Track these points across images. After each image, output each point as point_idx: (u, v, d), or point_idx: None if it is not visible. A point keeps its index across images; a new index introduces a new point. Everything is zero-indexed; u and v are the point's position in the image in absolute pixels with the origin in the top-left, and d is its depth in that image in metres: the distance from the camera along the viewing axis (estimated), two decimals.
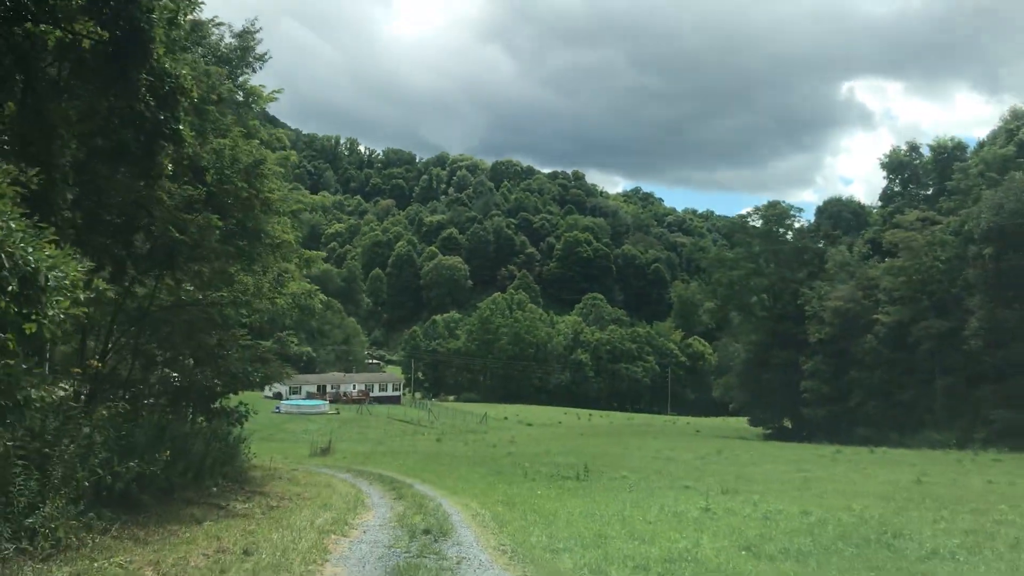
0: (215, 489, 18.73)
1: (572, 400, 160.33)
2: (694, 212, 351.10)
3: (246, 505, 17.06)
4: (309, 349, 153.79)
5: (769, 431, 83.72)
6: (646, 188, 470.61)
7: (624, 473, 26.70)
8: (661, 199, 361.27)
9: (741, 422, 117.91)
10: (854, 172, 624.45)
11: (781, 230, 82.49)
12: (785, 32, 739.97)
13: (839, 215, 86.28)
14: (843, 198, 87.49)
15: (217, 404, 23.88)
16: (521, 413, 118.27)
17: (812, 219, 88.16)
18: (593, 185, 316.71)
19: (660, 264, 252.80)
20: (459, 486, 23.97)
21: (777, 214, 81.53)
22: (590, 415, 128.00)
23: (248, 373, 23.42)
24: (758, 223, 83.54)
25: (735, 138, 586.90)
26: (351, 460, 37.23)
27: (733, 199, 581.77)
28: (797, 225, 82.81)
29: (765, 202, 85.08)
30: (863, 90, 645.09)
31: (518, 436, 70.17)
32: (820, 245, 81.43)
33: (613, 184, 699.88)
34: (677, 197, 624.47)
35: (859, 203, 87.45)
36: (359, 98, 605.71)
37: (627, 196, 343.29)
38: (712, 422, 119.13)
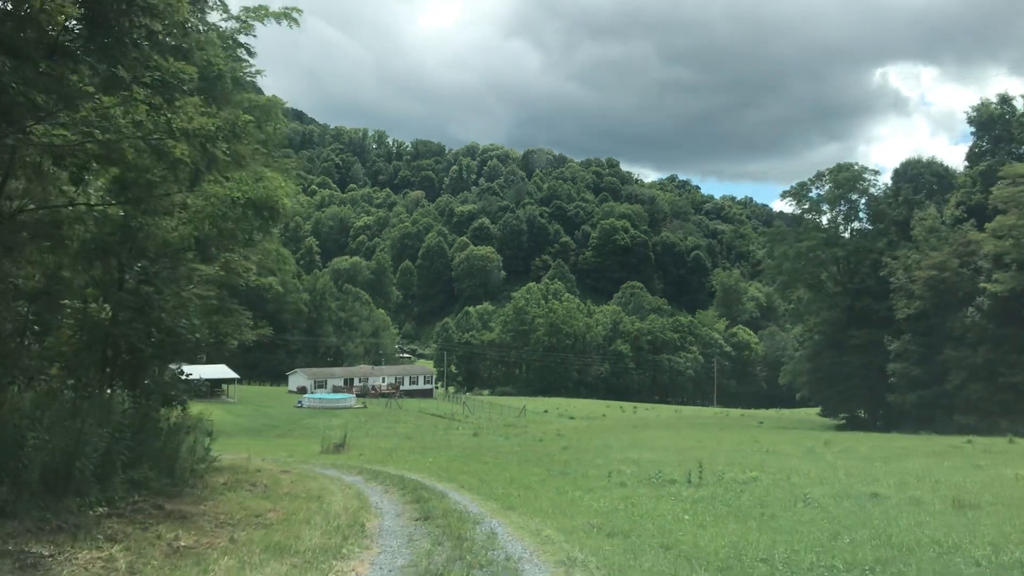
0: (122, 504, 11.06)
1: (612, 393, 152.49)
2: (732, 199, 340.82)
3: (117, 548, 9.06)
4: (335, 340, 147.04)
5: (842, 421, 74.91)
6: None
7: (753, 474, 18.49)
8: (698, 186, 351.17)
9: (798, 413, 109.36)
10: (889, 160, 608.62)
11: (854, 196, 73.43)
12: (816, 19, 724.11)
13: (919, 178, 76.82)
14: (923, 159, 77.89)
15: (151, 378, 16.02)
16: (561, 406, 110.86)
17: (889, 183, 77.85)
18: (628, 172, 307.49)
19: (700, 251, 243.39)
20: (514, 495, 15.98)
21: (849, 177, 72.42)
22: (635, 408, 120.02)
23: (192, 328, 15.52)
24: (824, 188, 74.47)
25: (766, 128, 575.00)
26: (369, 458, 29.40)
27: (765, 190, 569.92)
28: (872, 190, 73.54)
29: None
30: (896, 76, 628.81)
31: (563, 429, 62.40)
32: (898, 211, 72.22)
33: (644, 176, 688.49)
34: (709, 188, 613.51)
35: (943, 164, 77.80)
36: (385, 94, 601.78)
37: (663, 184, 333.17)
38: (767, 413, 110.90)
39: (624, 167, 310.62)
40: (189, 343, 16.24)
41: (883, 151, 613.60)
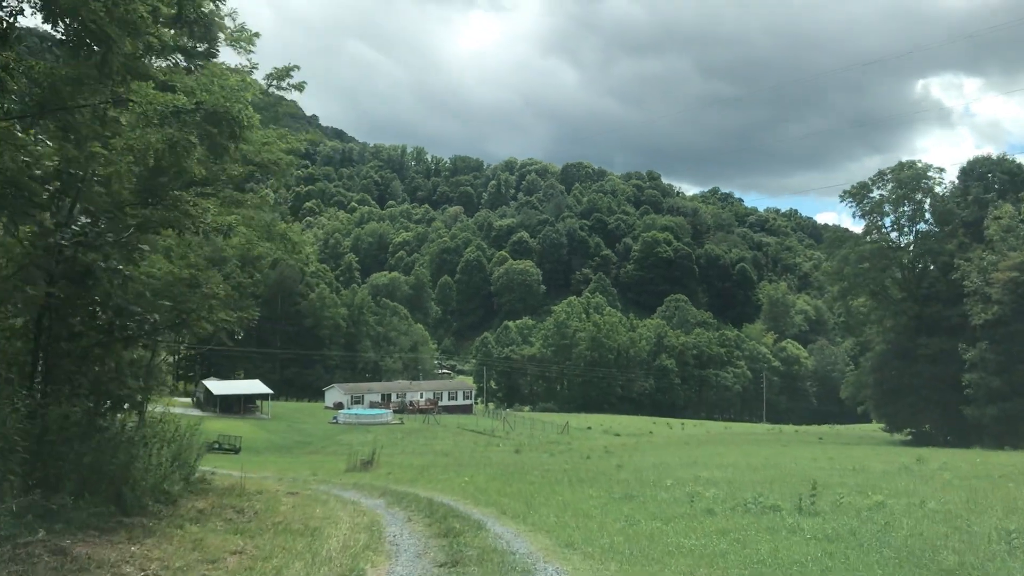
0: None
1: (657, 409, 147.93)
2: (776, 211, 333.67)
3: None
4: (373, 355, 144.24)
5: (907, 436, 69.82)
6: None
7: (876, 497, 14.46)
8: (741, 199, 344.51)
9: (853, 428, 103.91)
10: None
11: (918, 195, 68.53)
12: (856, 31, 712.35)
13: (987, 176, 71.67)
14: (993, 156, 72.66)
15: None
16: (605, 422, 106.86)
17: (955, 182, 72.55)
18: (669, 185, 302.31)
19: (745, 264, 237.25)
20: (572, 527, 12.24)
21: (912, 176, 67.63)
22: (682, 424, 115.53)
23: (150, 306, 12.01)
24: (886, 189, 69.66)
25: (807, 142, 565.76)
26: (398, 477, 25.76)
27: (807, 204, 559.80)
28: (938, 189, 68.58)
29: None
30: (939, 87, 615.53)
31: (611, 446, 58.34)
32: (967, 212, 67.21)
33: (684, 191, 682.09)
34: (750, 202, 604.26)
35: (1015, 161, 72.56)
36: (424, 113, 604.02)
37: (705, 197, 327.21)
38: (821, 429, 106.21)
39: (664, 181, 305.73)
40: (145, 325, 12.68)
41: (927, 163, 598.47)
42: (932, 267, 64.47)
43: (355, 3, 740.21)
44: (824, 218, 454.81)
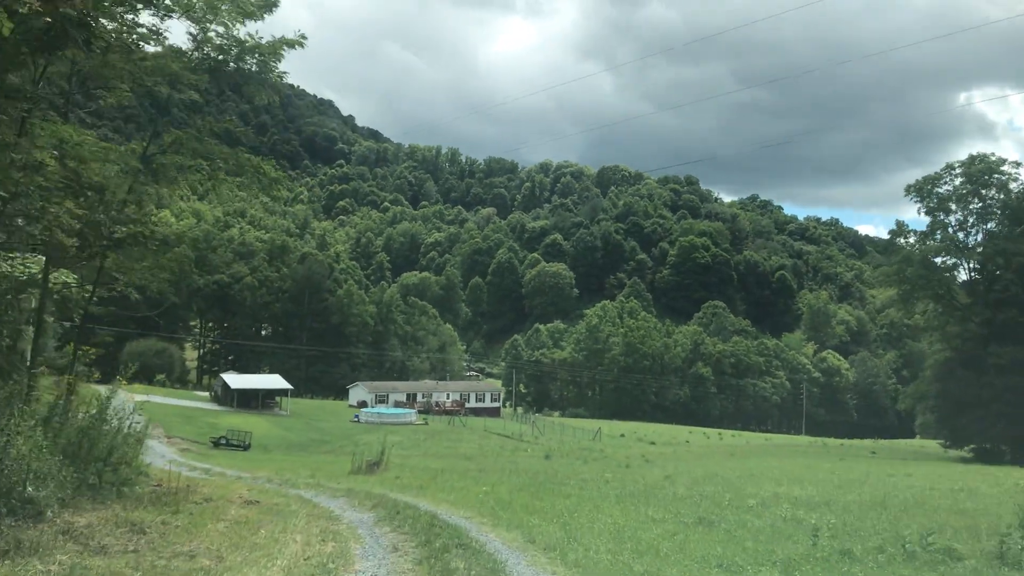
0: None
1: (691, 418, 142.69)
2: (817, 220, 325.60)
3: None
4: (400, 355, 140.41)
5: (968, 453, 64.12)
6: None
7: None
8: (780, 207, 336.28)
9: (899, 443, 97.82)
10: None
11: (991, 192, 62.95)
12: (897, 40, 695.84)
13: None
14: None
15: None
16: (638, 430, 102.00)
17: None
18: (707, 190, 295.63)
19: (785, 271, 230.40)
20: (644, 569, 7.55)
21: (983, 169, 62.03)
22: (719, 434, 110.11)
23: None
24: (954, 183, 64.10)
25: (845, 152, 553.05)
26: (406, 482, 21.37)
27: (844, 216, 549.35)
28: (1013, 185, 62.86)
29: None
30: (983, 100, 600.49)
31: (648, 455, 53.67)
32: None
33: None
34: (789, 211, 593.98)
35: None
36: (458, 116, 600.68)
37: (743, 204, 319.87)
38: (864, 443, 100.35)
39: (702, 187, 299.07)
40: None
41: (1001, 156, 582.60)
42: (1006, 269, 58.75)
43: (392, 6, 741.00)
44: (863, 231, 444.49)
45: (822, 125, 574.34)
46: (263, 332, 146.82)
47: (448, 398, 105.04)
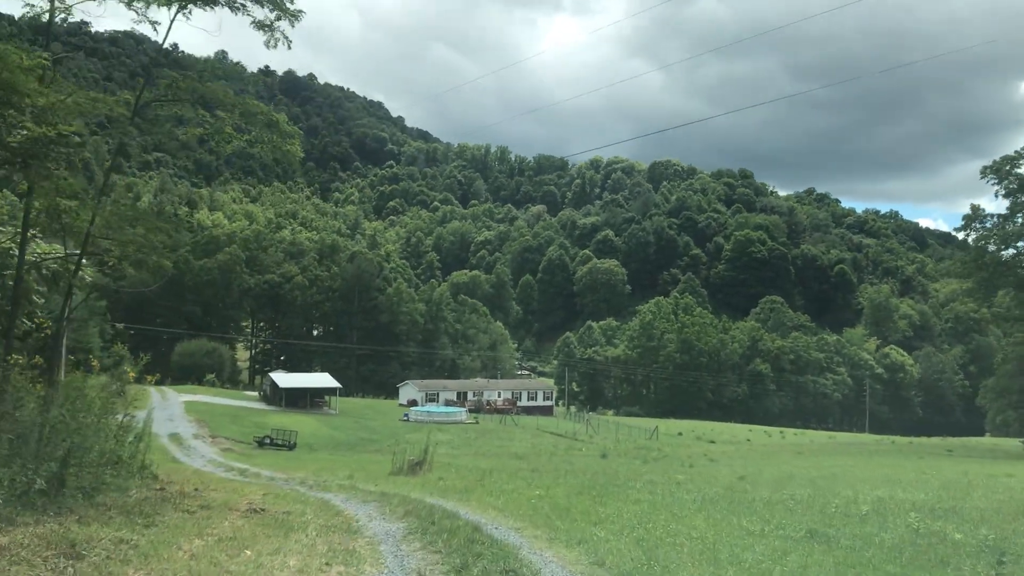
0: None
1: (750, 416, 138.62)
2: (876, 213, 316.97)
3: None
4: (451, 353, 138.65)
5: None
6: None
7: None
8: (838, 200, 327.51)
9: (969, 441, 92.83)
10: None
11: None
12: (956, 30, 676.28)
13: None
14: None
15: None
16: (696, 428, 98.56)
17: None
18: (762, 184, 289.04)
19: (845, 265, 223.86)
20: None
21: None
22: (781, 432, 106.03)
23: None
24: None
25: (902, 145, 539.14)
26: (450, 484, 19.00)
27: (903, 210, 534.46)
28: None
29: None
30: None
31: (711, 453, 50.71)
32: None
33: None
34: (847, 204, 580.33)
35: None
36: (506, 115, 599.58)
37: (800, 197, 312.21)
38: (931, 441, 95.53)
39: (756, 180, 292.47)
40: None
41: None
42: None
43: (440, 8, 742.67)
44: (923, 224, 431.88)
45: (878, 118, 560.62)
46: (314, 332, 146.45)
47: (499, 396, 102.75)
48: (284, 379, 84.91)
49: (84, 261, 13.84)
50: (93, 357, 65.81)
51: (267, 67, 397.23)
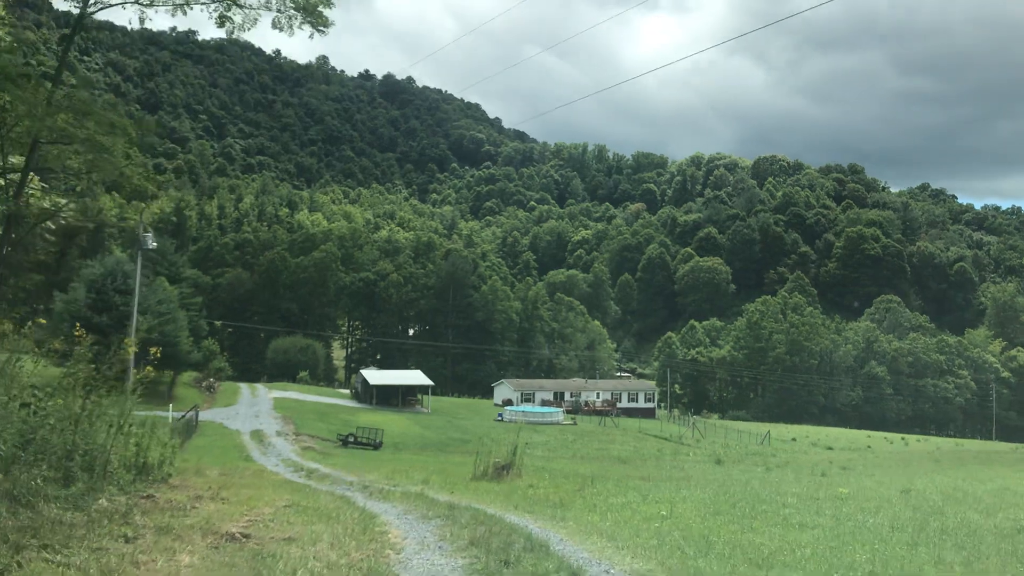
0: None
1: (865, 421, 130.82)
2: (996, 208, 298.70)
3: None
4: (547, 352, 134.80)
5: None
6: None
7: None
8: (954, 195, 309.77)
9: None
10: None
11: None
12: None
13: None
14: None
15: None
16: (809, 434, 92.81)
17: None
18: (874, 179, 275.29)
19: (964, 263, 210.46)
20: None
21: None
22: (903, 439, 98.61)
23: None
24: None
25: (1019, 140, 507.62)
26: (543, 494, 15.01)
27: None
28: None
29: None
30: None
31: (838, 461, 45.24)
32: None
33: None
34: (964, 199, 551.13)
35: None
36: (603, 116, 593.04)
37: (912, 193, 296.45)
38: None
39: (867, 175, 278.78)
40: None
41: None
42: None
43: (536, 11, 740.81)
44: None
45: (992, 112, 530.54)
46: (410, 331, 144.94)
47: (598, 397, 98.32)
48: (375, 376, 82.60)
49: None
50: (181, 352, 64.58)
51: (367, 71, 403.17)
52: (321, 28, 14.50)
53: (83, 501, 8.29)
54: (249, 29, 13.86)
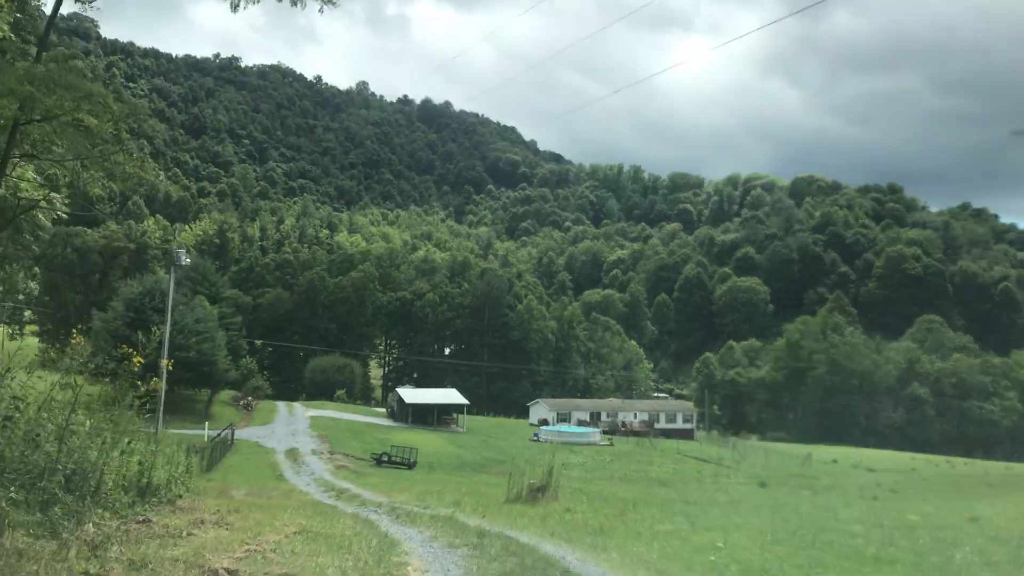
0: None
1: (908, 443, 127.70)
2: None
3: None
4: (583, 372, 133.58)
5: None
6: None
7: None
8: (996, 215, 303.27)
9: None
10: None
11: None
12: None
13: None
14: None
15: None
16: (850, 456, 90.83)
17: None
18: (913, 199, 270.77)
19: (1009, 283, 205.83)
20: None
21: None
22: (948, 461, 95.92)
23: None
24: None
25: None
26: (582, 518, 14.19)
27: None
28: None
29: None
30: None
31: (887, 484, 43.68)
32: None
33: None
34: (1007, 219, 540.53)
35: None
36: (638, 137, 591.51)
37: (953, 213, 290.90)
38: None
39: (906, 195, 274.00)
40: None
41: None
42: None
43: (570, 35, 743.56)
44: None
45: None
46: (446, 351, 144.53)
47: (635, 418, 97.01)
48: (410, 395, 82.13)
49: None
50: (219, 370, 64.63)
51: (405, 96, 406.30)
52: (331, 1, 13.93)
53: (62, 527, 7.69)
54: (258, 1, 13.59)
